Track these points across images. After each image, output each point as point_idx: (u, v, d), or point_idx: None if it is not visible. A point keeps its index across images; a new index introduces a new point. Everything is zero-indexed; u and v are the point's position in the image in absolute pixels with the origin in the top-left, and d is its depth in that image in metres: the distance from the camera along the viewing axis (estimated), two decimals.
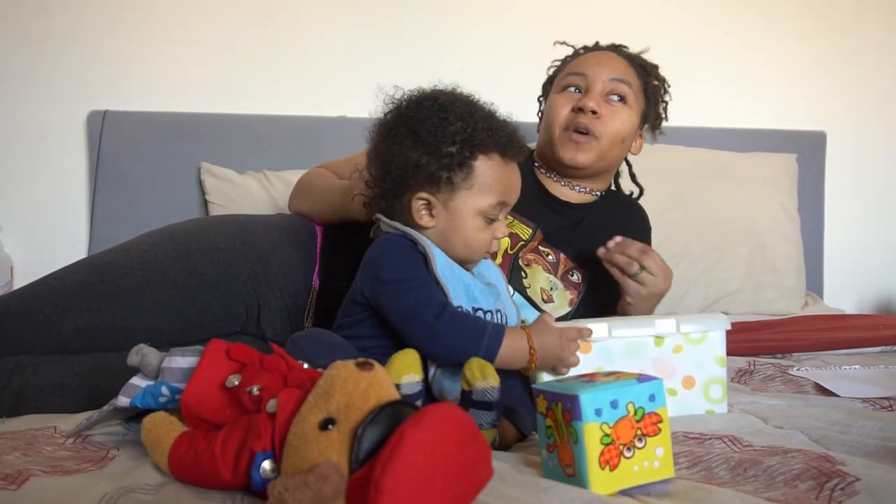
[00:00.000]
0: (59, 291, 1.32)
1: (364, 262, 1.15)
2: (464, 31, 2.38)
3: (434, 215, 1.14)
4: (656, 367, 1.13)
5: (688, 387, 1.14)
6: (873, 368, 1.44)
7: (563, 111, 1.50)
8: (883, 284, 2.58)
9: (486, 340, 1.04)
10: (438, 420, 0.72)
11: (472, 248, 1.16)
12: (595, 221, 1.53)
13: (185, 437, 0.87)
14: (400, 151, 1.13)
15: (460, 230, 1.14)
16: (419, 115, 1.14)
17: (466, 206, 1.14)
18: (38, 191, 2.24)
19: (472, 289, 1.15)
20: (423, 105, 1.15)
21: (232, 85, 2.30)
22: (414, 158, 1.12)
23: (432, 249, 1.12)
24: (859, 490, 0.80)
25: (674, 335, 1.14)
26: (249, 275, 1.40)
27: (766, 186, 2.28)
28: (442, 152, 1.12)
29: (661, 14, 2.46)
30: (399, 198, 1.15)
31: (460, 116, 1.13)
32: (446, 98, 1.16)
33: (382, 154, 1.16)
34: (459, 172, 1.12)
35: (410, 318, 1.06)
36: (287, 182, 2.10)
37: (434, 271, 1.10)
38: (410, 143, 1.13)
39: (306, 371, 0.87)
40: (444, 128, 1.12)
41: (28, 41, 2.22)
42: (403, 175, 1.13)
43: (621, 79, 1.51)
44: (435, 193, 1.13)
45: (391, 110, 1.19)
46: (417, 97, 1.18)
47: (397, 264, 1.11)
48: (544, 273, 1.43)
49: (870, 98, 2.57)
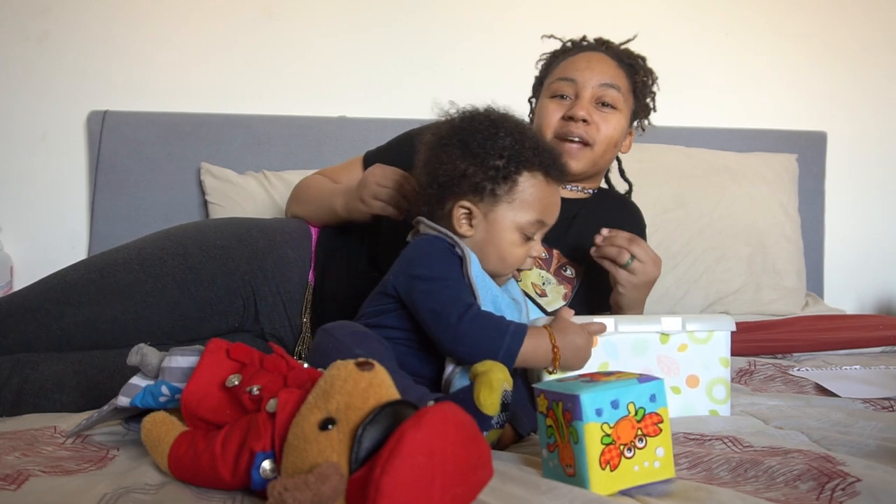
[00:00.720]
0: (58, 288, 1.35)
1: (401, 258, 1.17)
2: (464, 32, 2.38)
3: (473, 225, 1.17)
4: (661, 365, 1.13)
5: (692, 386, 1.14)
6: (874, 369, 1.44)
7: (553, 118, 1.51)
8: (883, 284, 2.58)
9: (507, 339, 1.05)
10: (438, 420, 0.72)
11: (506, 261, 1.18)
12: (589, 218, 1.54)
13: (185, 437, 0.87)
14: (448, 160, 1.16)
15: (497, 242, 1.17)
16: (471, 128, 1.18)
17: (506, 220, 1.16)
18: (38, 191, 2.24)
19: (498, 301, 1.16)
20: (476, 119, 1.19)
21: (232, 85, 2.30)
22: (461, 168, 1.15)
23: (469, 253, 1.14)
24: (860, 490, 0.80)
25: (679, 333, 1.14)
26: (246, 270, 1.43)
27: (766, 186, 2.28)
28: (489, 164, 1.15)
29: (661, 14, 2.45)
30: (442, 204, 1.18)
31: (510, 133, 1.17)
32: (498, 116, 1.21)
33: (432, 162, 1.19)
34: (503, 185, 1.15)
35: (437, 315, 1.08)
36: (287, 182, 2.10)
37: (468, 273, 1.12)
38: (459, 153, 1.16)
39: (306, 371, 0.87)
40: (494, 142, 1.16)
41: (28, 41, 2.22)
42: (449, 182, 1.16)
43: (611, 83, 1.50)
44: (477, 203, 1.16)
45: (443, 123, 1.23)
46: (471, 112, 1.22)
47: (434, 263, 1.13)
48: (536, 269, 1.44)
49: (870, 98, 2.57)
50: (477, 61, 2.33)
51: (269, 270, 1.45)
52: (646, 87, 1.58)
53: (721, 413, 1.15)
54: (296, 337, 1.47)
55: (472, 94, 1.24)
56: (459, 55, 2.35)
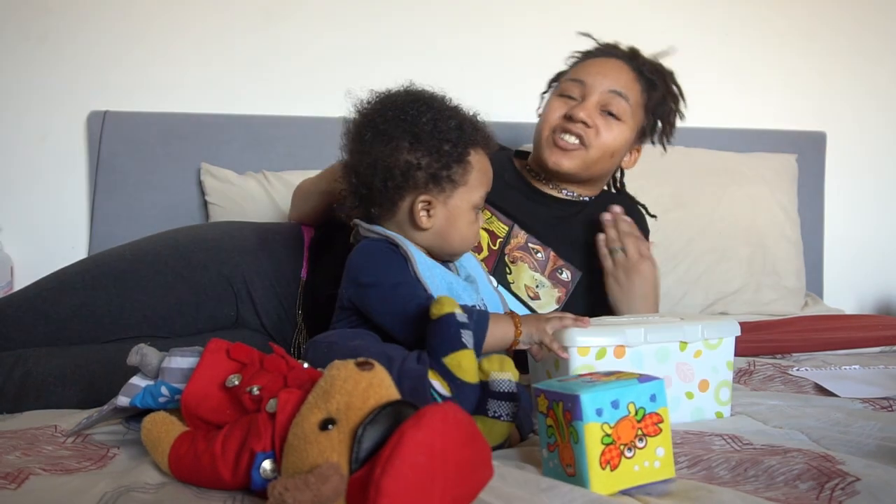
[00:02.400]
0: (54, 279, 1.39)
1: (346, 269, 1.15)
2: (464, 32, 2.37)
3: (432, 215, 1.15)
4: (679, 372, 1.13)
5: (703, 390, 1.15)
6: (873, 369, 1.44)
7: (555, 115, 1.50)
8: (883, 285, 2.58)
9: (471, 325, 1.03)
10: (438, 420, 0.72)
11: (467, 242, 1.18)
12: (589, 220, 1.53)
13: (185, 437, 0.87)
14: (396, 154, 1.12)
15: (458, 226, 1.16)
16: (410, 116, 1.13)
17: (464, 203, 1.15)
18: (38, 191, 2.24)
19: (454, 286, 1.16)
20: (408, 104, 1.14)
21: (232, 85, 2.30)
22: (413, 161, 1.12)
23: (413, 252, 1.13)
24: (859, 490, 0.80)
25: (697, 341, 1.14)
26: (238, 261, 1.44)
27: (766, 186, 2.28)
28: (442, 151, 1.12)
29: (661, 14, 2.45)
30: (394, 203, 1.15)
31: (450, 114, 1.15)
32: (427, 96, 1.17)
33: (371, 160, 1.13)
34: (457, 169, 1.13)
35: (397, 318, 1.07)
36: (287, 182, 2.10)
37: (416, 273, 1.11)
38: (408, 144, 1.13)
39: (306, 371, 0.88)
40: (440, 126, 1.13)
41: (28, 41, 2.22)
42: (403, 179, 1.13)
43: (620, 92, 1.49)
44: (437, 194, 1.14)
45: (369, 115, 1.16)
46: (399, 99, 1.16)
47: (378, 267, 1.12)
48: (529, 271, 1.44)
49: (870, 98, 2.57)
50: (477, 61, 2.33)
51: (261, 264, 1.45)
52: (663, 105, 1.55)
53: (725, 414, 1.15)
54: (294, 330, 1.47)
55: (473, 94, 1.24)
56: (460, 55, 2.35)
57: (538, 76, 1.68)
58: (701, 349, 1.14)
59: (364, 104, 1.19)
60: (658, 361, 1.12)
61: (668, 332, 1.13)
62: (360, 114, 1.18)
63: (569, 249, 1.48)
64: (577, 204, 1.55)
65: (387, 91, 1.19)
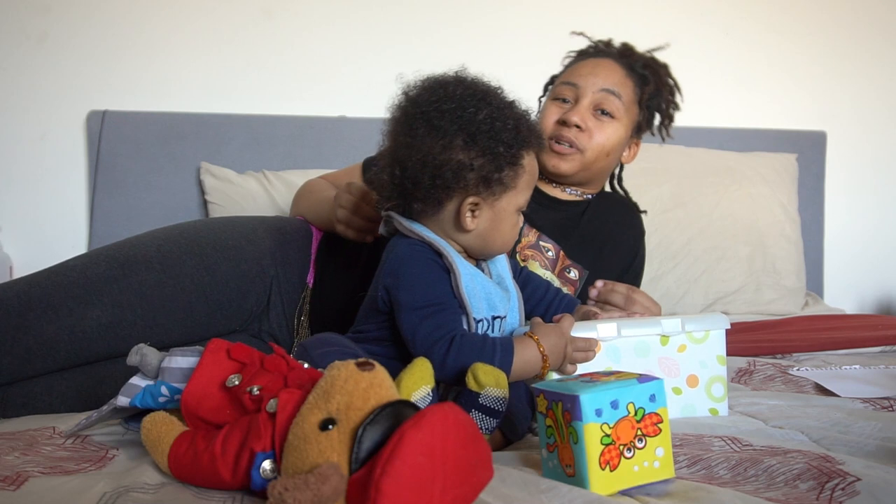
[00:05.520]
0: (81, 284, 1.27)
1: (384, 269, 1.11)
2: (465, 31, 2.37)
3: (477, 216, 1.10)
4: (662, 366, 1.14)
5: (692, 385, 1.15)
6: (873, 369, 1.44)
7: (550, 121, 1.52)
8: (883, 284, 2.58)
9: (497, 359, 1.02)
10: (439, 420, 0.72)
11: (507, 245, 1.15)
12: (594, 219, 1.55)
13: (184, 437, 0.86)
14: (449, 153, 1.06)
15: (501, 229, 1.12)
16: (469, 114, 1.07)
17: (510, 205, 1.11)
18: (38, 191, 2.24)
19: (492, 297, 1.13)
20: (468, 101, 1.08)
21: (232, 85, 2.30)
22: (466, 161, 1.06)
23: (457, 263, 1.08)
24: (860, 490, 0.80)
25: (679, 334, 1.14)
26: (257, 272, 1.41)
27: (766, 186, 2.28)
28: (496, 153, 1.07)
29: (661, 14, 2.45)
30: (441, 203, 1.09)
31: (508, 113, 1.09)
32: (482, 89, 1.11)
33: (422, 155, 1.06)
34: (510, 172, 1.09)
35: (422, 349, 1.03)
36: (287, 182, 2.11)
37: (458, 290, 1.07)
38: (462, 143, 1.06)
39: (307, 371, 0.87)
40: (496, 127, 1.07)
41: (28, 41, 2.22)
42: (454, 179, 1.06)
43: (612, 90, 1.50)
44: (486, 196, 1.09)
45: (424, 103, 1.09)
46: (457, 91, 1.09)
47: (416, 282, 1.06)
48: (540, 269, 1.45)
49: (870, 98, 2.57)
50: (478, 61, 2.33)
51: (275, 272, 1.43)
52: (657, 99, 1.56)
53: (720, 411, 1.15)
54: (292, 336, 1.47)
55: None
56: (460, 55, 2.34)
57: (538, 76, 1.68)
58: (685, 343, 1.15)
59: (414, 90, 1.12)
60: (638, 356, 1.13)
61: (644, 325, 1.14)
62: (412, 102, 1.11)
63: (575, 249, 1.49)
64: (580, 204, 1.56)
65: (441, 77, 1.12)
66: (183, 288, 1.33)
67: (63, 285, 1.26)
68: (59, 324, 1.23)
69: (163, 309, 1.31)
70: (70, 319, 1.23)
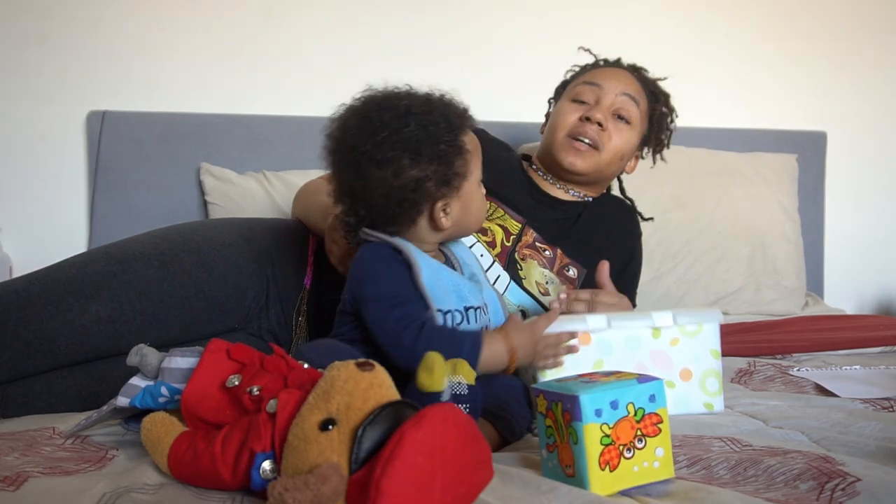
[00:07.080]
0: (79, 280, 1.29)
1: (350, 274, 1.15)
2: (465, 32, 2.37)
3: (449, 213, 1.14)
4: (654, 360, 1.14)
5: (685, 379, 1.15)
6: (873, 369, 1.44)
7: (570, 118, 1.54)
8: (883, 284, 2.57)
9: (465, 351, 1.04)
10: (439, 420, 0.72)
11: (482, 215, 1.21)
12: (591, 219, 1.57)
13: (184, 437, 0.86)
14: (401, 175, 1.09)
15: (473, 208, 1.17)
16: (401, 133, 1.09)
17: (472, 185, 1.16)
18: (38, 191, 2.24)
19: (461, 288, 1.15)
20: (394, 120, 1.10)
21: (232, 85, 2.30)
22: (421, 175, 1.09)
23: (417, 259, 1.11)
24: (860, 490, 0.80)
25: (671, 328, 1.14)
26: (254, 269, 1.43)
27: (766, 186, 2.28)
28: (442, 153, 1.10)
29: (662, 15, 2.45)
30: (413, 220, 1.13)
31: (429, 109, 1.12)
32: (399, 102, 1.12)
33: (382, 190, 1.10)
34: (460, 161, 1.13)
35: (391, 342, 1.06)
36: (286, 182, 2.10)
37: (418, 283, 1.09)
38: (409, 161, 1.09)
39: (307, 371, 0.87)
40: (429, 130, 1.10)
41: (28, 41, 2.22)
42: (417, 195, 1.10)
43: (632, 96, 1.55)
44: (450, 193, 1.13)
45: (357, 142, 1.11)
46: (377, 116, 1.11)
47: (378, 278, 1.10)
48: (539, 268, 1.46)
49: (870, 98, 2.57)
50: (478, 61, 2.33)
51: (273, 271, 1.45)
52: (663, 119, 1.62)
53: (715, 406, 1.15)
54: (291, 336, 1.47)
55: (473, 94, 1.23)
56: (461, 55, 2.34)
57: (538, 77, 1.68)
58: (678, 337, 1.15)
59: (340, 131, 1.15)
60: (629, 349, 1.14)
61: (635, 318, 1.15)
62: (349, 147, 1.13)
63: (574, 248, 1.51)
64: (580, 205, 1.58)
65: (357, 108, 1.14)
66: (181, 284, 1.35)
67: (62, 281, 1.28)
68: (58, 318, 1.24)
69: (161, 305, 1.33)
70: (69, 314, 1.25)
